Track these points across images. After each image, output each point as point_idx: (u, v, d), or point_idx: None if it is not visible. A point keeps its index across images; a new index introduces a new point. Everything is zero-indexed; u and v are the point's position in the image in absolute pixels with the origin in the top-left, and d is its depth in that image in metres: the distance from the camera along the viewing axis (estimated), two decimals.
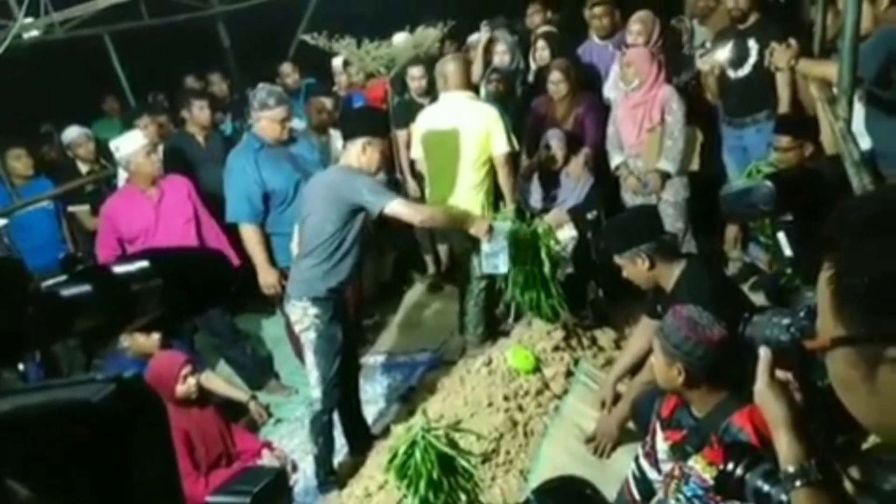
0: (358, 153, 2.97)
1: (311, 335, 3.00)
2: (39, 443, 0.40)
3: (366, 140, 2.96)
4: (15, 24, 4.07)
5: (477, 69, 4.65)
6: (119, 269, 0.52)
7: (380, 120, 3.27)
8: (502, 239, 3.22)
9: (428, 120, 3.83)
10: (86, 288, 0.49)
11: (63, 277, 0.49)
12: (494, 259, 3.28)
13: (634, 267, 2.67)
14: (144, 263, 0.54)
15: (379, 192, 2.91)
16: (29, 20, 4.35)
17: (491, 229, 3.17)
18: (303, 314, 2.99)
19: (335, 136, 4.21)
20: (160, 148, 4.21)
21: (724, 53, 3.80)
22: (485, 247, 3.26)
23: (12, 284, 0.42)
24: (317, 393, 3.07)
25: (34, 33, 4.72)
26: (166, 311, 0.54)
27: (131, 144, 3.67)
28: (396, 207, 2.89)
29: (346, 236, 2.96)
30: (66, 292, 0.47)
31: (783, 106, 3.67)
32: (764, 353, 1.11)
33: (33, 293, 0.44)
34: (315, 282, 2.97)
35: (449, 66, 3.76)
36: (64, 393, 0.43)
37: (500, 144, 3.65)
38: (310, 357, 3.05)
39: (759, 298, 3.50)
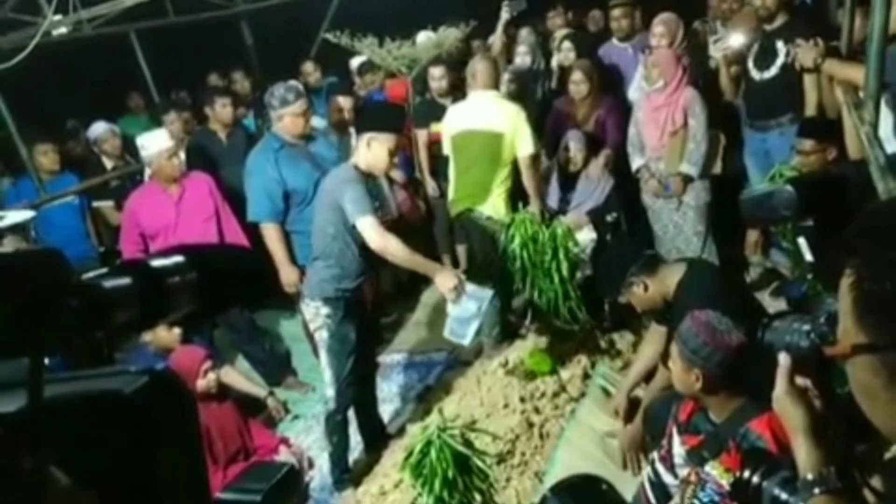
0: (363, 149, 2.91)
1: (324, 334, 3.02)
2: (75, 431, 0.41)
3: (370, 136, 2.88)
4: (44, 21, 4.14)
5: (497, 47, 4.66)
6: (155, 262, 0.54)
7: (390, 115, 3.09)
8: (477, 308, 2.83)
9: (455, 118, 3.86)
10: (125, 281, 0.50)
11: (103, 270, 0.50)
12: (462, 326, 2.87)
13: (637, 297, 2.73)
14: (179, 258, 0.55)
15: (358, 204, 2.79)
16: (58, 17, 4.42)
17: (458, 288, 2.80)
18: (315, 313, 3.01)
19: (354, 134, 4.23)
20: (182, 150, 4.26)
21: (738, 39, 3.76)
22: (451, 308, 2.87)
23: (56, 276, 0.43)
24: (330, 392, 3.09)
25: (63, 30, 4.80)
26: (200, 306, 0.55)
27: (156, 145, 3.72)
28: (366, 227, 2.79)
29: (347, 238, 2.89)
30: (107, 285, 0.49)
31: (810, 108, 3.62)
32: (783, 359, 1.10)
33: (76, 286, 0.45)
34: (325, 283, 2.97)
35: (478, 66, 3.79)
36: (98, 384, 0.45)
37: (525, 145, 3.66)
38: (323, 356, 3.07)
39: (780, 304, 3.46)
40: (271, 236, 3.55)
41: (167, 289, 0.52)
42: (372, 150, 2.89)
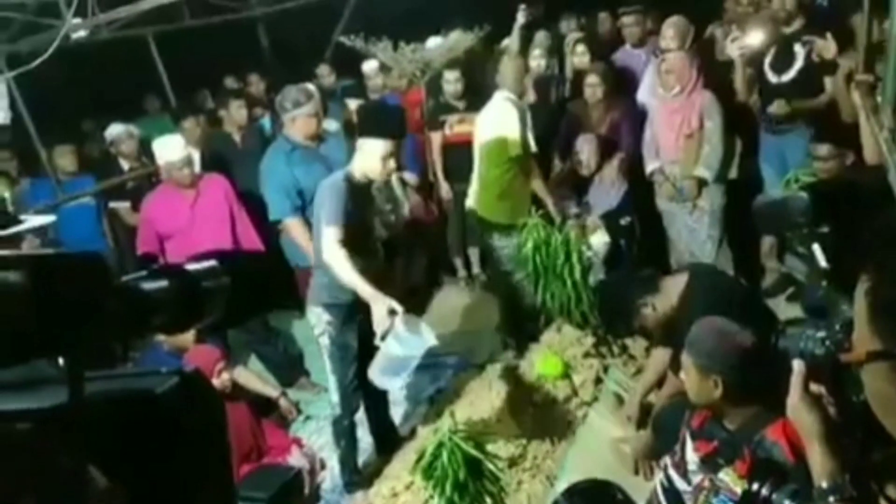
0: (358, 155, 2.85)
1: (325, 341, 3.01)
2: (106, 430, 0.42)
3: (362, 140, 2.82)
4: (64, 24, 4.20)
5: (513, 50, 4.68)
6: (191, 267, 0.55)
7: (383, 120, 2.92)
8: (402, 354, 2.52)
9: (479, 123, 3.88)
10: (163, 284, 0.51)
11: (141, 273, 0.51)
12: (385, 370, 2.57)
13: (649, 318, 2.76)
14: (213, 263, 0.56)
15: (329, 215, 2.73)
16: (77, 21, 4.47)
17: (384, 322, 2.56)
18: (317, 320, 3.00)
19: None
20: (197, 156, 4.28)
21: (756, 37, 3.74)
22: (380, 341, 2.56)
23: (97, 279, 0.44)
24: (335, 398, 3.08)
25: (82, 33, 4.86)
26: (230, 312, 0.56)
27: (166, 155, 3.75)
28: (326, 235, 2.73)
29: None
30: (146, 288, 0.50)
31: (823, 97, 3.60)
32: (798, 366, 1.09)
33: (116, 288, 0.46)
34: (325, 289, 2.92)
35: (501, 66, 3.81)
36: (128, 383, 0.46)
37: (514, 146, 3.64)
38: (327, 362, 3.07)
39: (796, 310, 3.43)
40: (297, 229, 3.53)
41: (203, 293, 0.53)
42: (364, 156, 2.81)
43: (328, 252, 2.73)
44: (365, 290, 2.68)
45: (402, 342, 2.55)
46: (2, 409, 0.43)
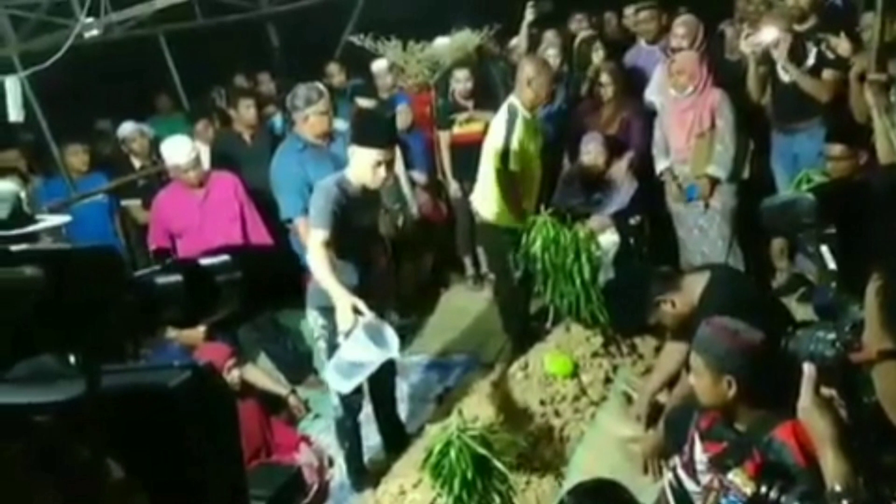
0: (350, 160, 2.84)
1: (322, 344, 3.01)
2: (121, 422, 0.43)
3: (352, 148, 2.81)
4: (77, 23, 4.23)
5: (522, 49, 4.65)
6: (204, 261, 0.55)
7: (372, 128, 2.88)
8: (359, 357, 2.45)
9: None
10: (176, 278, 0.52)
11: (154, 267, 0.52)
12: (344, 372, 2.51)
13: (667, 315, 2.78)
14: (226, 257, 0.56)
15: (317, 216, 2.75)
16: (89, 20, 4.51)
17: (353, 314, 2.52)
18: (314, 323, 3.00)
19: None
20: (205, 156, 4.29)
21: (770, 33, 3.71)
22: (342, 339, 2.53)
23: (112, 273, 0.44)
24: (335, 400, 3.09)
25: (94, 32, 4.90)
26: (244, 305, 0.56)
27: (177, 156, 3.77)
28: (312, 242, 2.75)
29: (334, 249, 2.78)
30: (159, 281, 0.50)
31: (828, 76, 3.61)
32: (808, 369, 1.09)
33: (131, 282, 0.47)
34: (320, 293, 2.83)
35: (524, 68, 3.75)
36: (142, 377, 0.46)
37: (499, 156, 3.56)
38: (325, 364, 3.05)
39: (807, 310, 3.41)
40: (306, 229, 3.55)
41: (215, 287, 0.53)
42: (356, 163, 2.81)
43: (310, 253, 2.74)
44: (334, 289, 2.66)
45: (360, 347, 2.49)
46: (20, 402, 0.43)
